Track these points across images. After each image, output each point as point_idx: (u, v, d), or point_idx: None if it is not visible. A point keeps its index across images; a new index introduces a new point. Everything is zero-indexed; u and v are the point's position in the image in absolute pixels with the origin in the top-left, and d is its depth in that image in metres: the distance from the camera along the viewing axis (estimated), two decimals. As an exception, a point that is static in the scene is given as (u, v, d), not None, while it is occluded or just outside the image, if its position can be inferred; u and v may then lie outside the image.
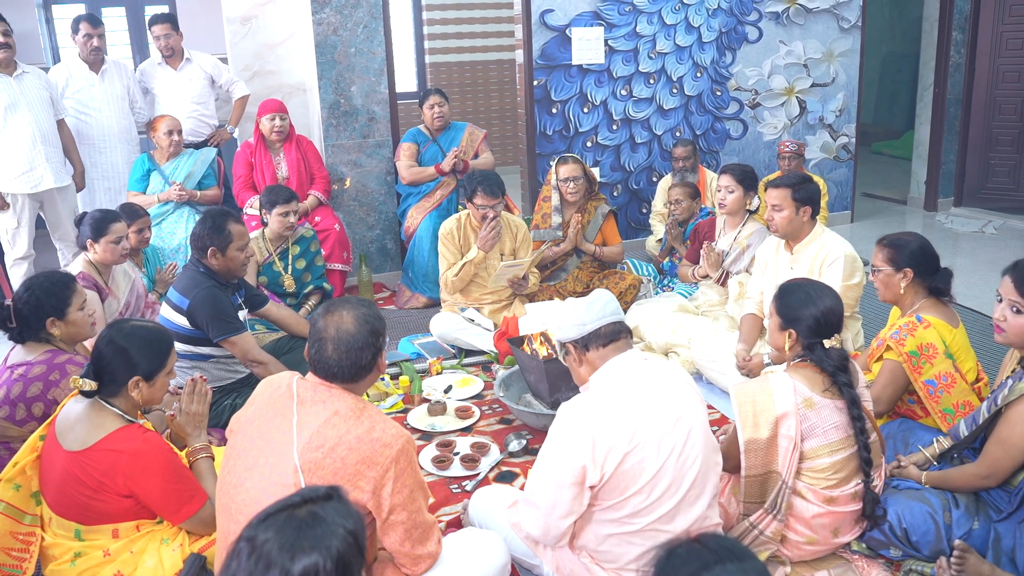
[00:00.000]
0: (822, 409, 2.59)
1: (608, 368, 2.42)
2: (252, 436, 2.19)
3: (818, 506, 2.63)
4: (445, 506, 3.14)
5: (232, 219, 3.66)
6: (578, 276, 5.25)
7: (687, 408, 2.34)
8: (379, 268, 6.18)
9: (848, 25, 7.03)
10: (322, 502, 1.48)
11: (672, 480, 2.27)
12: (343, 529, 1.44)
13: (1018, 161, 7.52)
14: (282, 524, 1.42)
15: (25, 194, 5.06)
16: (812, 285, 2.77)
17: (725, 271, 4.51)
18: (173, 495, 2.44)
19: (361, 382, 2.25)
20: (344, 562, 1.41)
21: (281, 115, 5.45)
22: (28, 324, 3.03)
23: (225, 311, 3.56)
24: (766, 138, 7.01)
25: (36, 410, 2.89)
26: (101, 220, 3.94)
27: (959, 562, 2.43)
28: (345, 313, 2.22)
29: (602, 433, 2.24)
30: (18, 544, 2.48)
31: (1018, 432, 2.53)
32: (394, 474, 2.10)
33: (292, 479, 2.05)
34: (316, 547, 1.39)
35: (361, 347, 2.19)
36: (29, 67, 5.11)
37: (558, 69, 6.27)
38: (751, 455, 2.59)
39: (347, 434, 2.09)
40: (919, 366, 3.04)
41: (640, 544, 2.31)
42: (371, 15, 5.74)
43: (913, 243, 3.19)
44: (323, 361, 2.19)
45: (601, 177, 6.55)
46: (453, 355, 4.66)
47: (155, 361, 2.51)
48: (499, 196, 4.61)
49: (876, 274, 3.26)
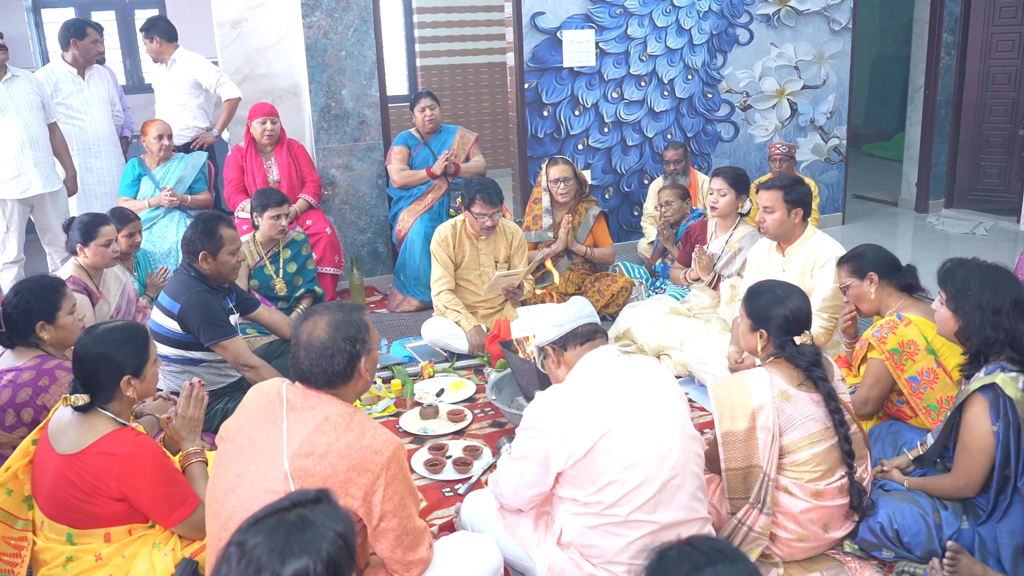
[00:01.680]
0: (798, 402, 2.65)
1: (582, 363, 2.51)
2: (242, 443, 2.18)
3: (805, 501, 2.65)
4: (438, 509, 3.14)
5: (223, 223, 3.64)
6: (570, 278, 5.26)
7: (663, 399, 2.41)
8: (371, 272, 6.17)
9: (839, 27, 7.05)
10: (311, 505, 1.47)
11: (649, 470, 2.30)
12: (333, 532, 1.43)
13: (1008, 163, 7.55)
14: (272, 528, 1.42)
15: (15, 199, 5.04)
16: (779, 285, 2.84)
17: (716, 274, 4.51)
18: (166, 499, 2.44)
19: (342, 388, 2.22)
20: (335, 565, 1.40)
21: (272, 119, 5.44)
22: (17, 328, 3.02)
23: (216, 315, 3.54)
24: (757, 140, 7.03)
25: (26, 416, 2.87)
26: (90, 224, 3.93)
27: (952, 563, 2.43)
28: (320, 319, 2.21)
29: (568, 420, 2.33)
30: (10, 549, 2.48)
31: (976, 435, 2.56)
32: (385, 481, 2.09)
33: (282, 486, 2.04)
34: (306, 550, 1.38)
35: (332, 354, 2.17)
36: (19, 71, 5.08)
37: (549, 72, 6.27)
38: (729, 447, 2.64)
39: (337, 441, 2.08)
40: (901, 363, 3.08)
41: (624, 535, 2.32)
42: (362, 18, 5.73)
43: (867, 251, 3.37)
44: (297, 367, 2.20)
45: (592, 180, 6.55)
46: (445, 358, 4.65)
47: (138, 355, 2.50)
48: (498, 204, 4.59)
49: (847, 291, 3.40)
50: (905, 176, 8.12)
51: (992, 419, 2.53)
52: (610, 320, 4.95)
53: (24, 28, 8.49)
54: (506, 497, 2.58)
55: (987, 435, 2.54)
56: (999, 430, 2.52)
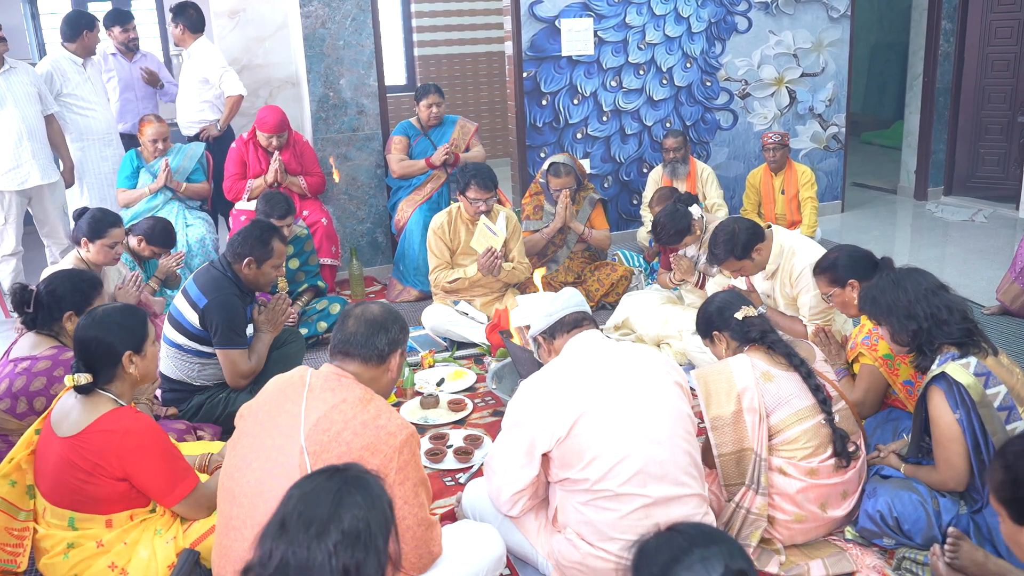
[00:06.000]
0: (781, 381, 2.73)
1: (567, 347, 2.59)
2: (261, 419, 2.22)
3: (800, 480, 2.69)
4: (439, 499, 3.15)
5: (278, 236, 3.66)
6: (569, 267, 5.26)
7: (647, 377, 2.46)
8: (370, 262, 6.17)
9: (837, 15, 7.04)
10: (366, 473, 1.58)
11: (631, 445, 2.34)
12: (384, 501, 1.54)
13: (1007, 149, 7.54)
14: (328, 478, 1.52)
15: (12, 191, 5.03)
16: (711, 298, 3.07)
17: (701, 273, 4.50)
18: (167, 474, 2.46)
19: (372, 368, 2.29)
20: (385, 530, 1.52)
21: (279, 135, 5.31)
22: (47, 312, 3.06)
23: (237, 323, 3.55)
24: (756, 128, 7.01)
25: (38, 404, 2.91)
26: (101, 221, 3.89)
27: (953, 549, 2.44)
28: (373, 305, 2.38)
29: (551, 401, 2.40)
30: (12, 540, 2.50)
31: (942, 425, 2.59)
32: (397, 464, 2.10)
33: (298, 460, 2.07)
34: (364, 501, 1.48)
35: (379, 330, 2.28)
36: (17, 62, 5.06)
37: (547, 61, 6.25)
38: (719, 432, 2.70)
39: (353, 419, 2.12)
40: (895, 368, 3.12)
41: (616, 509, 2.35)
42: (359, 7, 5.71)
43: (840, 257, 3.35)
44: (341, 333, 2.29)
45: (591, 169, 6.54)
46: (445, 348, 4.65)
47: (139, 330, 2.55)
48: (492, 189, 4.61)
49: (829, 300, 3.42)
50: (904, 164, 8.12)
51: (952, 407, 2.56)
52: (610, 309, 4.95)
53: (20, 19, 8.45)
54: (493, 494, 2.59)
55: (951, 424, 2.56)
56: (961, 417, 2.55)
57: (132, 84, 6.12)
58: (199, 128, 5.86)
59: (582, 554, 2.41)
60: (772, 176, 6.04)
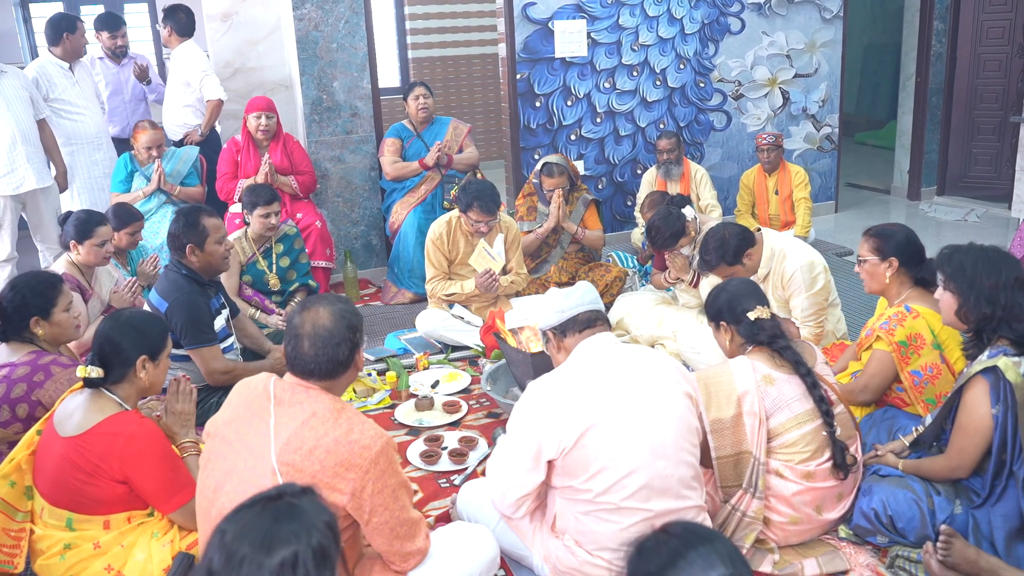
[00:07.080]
0: (782, 384, 2.70)
1: (578, 349, 2.51)
2: (230, 439, 2.17)
3: (796, 483, 2.68)
4: (434, 500, 3.15)
5: (205, 213, 3.61)
6: (563, 267, 5.26)
7: (658, 388, 2.40)
8: (364, 264, 6.16)
9: (830, 15, 7.05)
10: (299, 496, 1.49)
11: (638, 459, 2.30)
12: (322, 521, 1.44)
13: (1000, 149, 7.56)
14: (258, 514, 1.43)
15: (7, 196, 5.02)
16: (727, 282, 3.00)
17: (695, 272, 4.50)
18: (166, 482, 2.46)
19: (339, 379, 2.22)
20: (323, 553, 1.41)
21: (268, 114, 5.37)
22: (12, 322, 3.04)
23: (201, 320, 3.53)
24: (750, 129, 7.03)
25: (20, 411, 2.88)
26: (86, 222, 3.90)
27: (945, 547, 2.45)
28: (321, 309, 2.20)
29: (560, 409, 2.33)
30: (9, 541, 2.51)
31: (975, 417, 2.56)
32: (374, 476, 2.07)
33: (271, 481, 2.02)
34: (296, 537, 1.39)
35: (338, 342, 2.17)
36: (8, 66, 5.05)
37: (541, 62, 6.26)
38: (718, 435, 2.67)
39: (325, 436, 2.06)
40: (907, 356, 3.07)
41: (617, 521, 2.33)
42: (352, 10, 5.71)
43: (899, 233, 3.23)
44: (300, 358, 2.17)
45: (585, 170, 6.55)
46: (440, 350, 4.65)
47: (159, 339, 2.60)
48: (494, 213, 4.54)
49: (862, 264, 3.30)
50: (897, 164, 8.14)
51: (992, 402, 2.53)
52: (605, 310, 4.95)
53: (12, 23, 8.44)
54: (496, 498, 2.56)
55: (985, 417, 2.53)
56: (998, 413, 2.52)
57: (121, 88, 6.12)
58: (183, 133, 5.85)
59: (579, 561, 2.40)
60: (766, 177, 6.05)
